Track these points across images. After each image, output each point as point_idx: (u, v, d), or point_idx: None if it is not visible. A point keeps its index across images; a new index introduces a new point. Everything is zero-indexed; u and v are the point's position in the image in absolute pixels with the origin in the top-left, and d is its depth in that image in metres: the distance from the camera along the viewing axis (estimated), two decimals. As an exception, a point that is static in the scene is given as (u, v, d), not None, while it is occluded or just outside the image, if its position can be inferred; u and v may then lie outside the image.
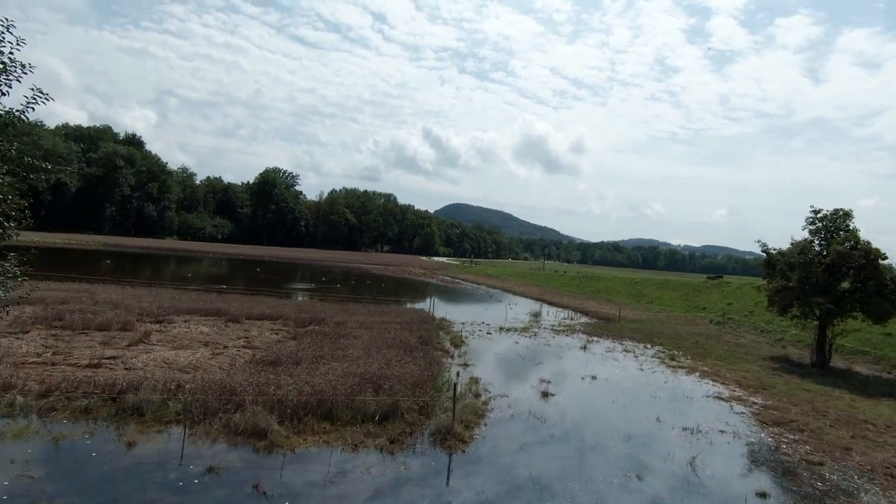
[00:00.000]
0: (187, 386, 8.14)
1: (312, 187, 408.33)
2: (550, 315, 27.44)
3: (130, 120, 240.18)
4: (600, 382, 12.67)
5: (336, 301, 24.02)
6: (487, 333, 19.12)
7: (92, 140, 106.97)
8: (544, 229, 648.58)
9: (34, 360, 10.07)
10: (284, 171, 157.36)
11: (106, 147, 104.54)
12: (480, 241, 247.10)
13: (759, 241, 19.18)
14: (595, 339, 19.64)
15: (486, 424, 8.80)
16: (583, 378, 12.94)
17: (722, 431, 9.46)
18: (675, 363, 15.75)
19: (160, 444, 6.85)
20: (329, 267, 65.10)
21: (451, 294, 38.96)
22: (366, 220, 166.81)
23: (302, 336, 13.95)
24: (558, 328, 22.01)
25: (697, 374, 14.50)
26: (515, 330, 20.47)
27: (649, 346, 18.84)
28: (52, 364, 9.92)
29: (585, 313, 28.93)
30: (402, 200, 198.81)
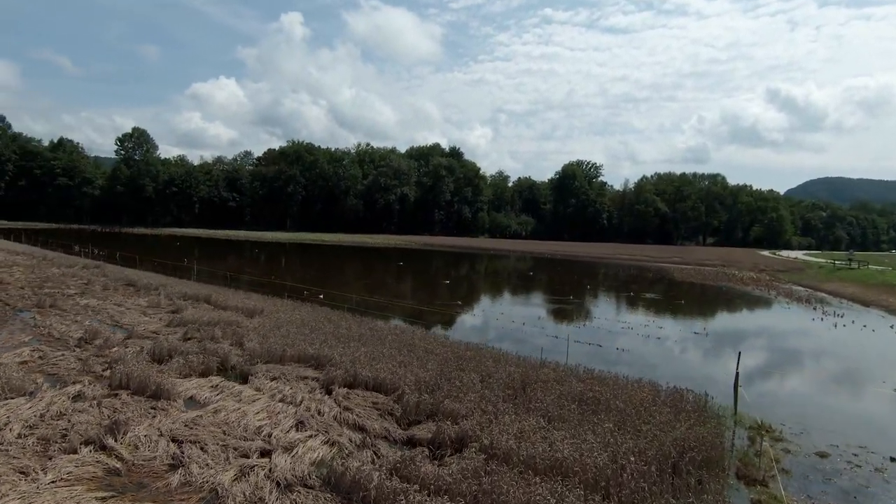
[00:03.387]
0: None
1: (625, 178, 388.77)
2: None
3: (474, 139, 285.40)
4: None
5: (539, 343, 14.97)
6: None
7: (425, 156, 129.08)
8: None
9: None
10: (587, 163, 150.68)
11: (434, 161, 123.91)
12: (865, 228, 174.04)
13: None
14: None
15: None
16: None
17: None
18: None
19: None
20: (617, 266, 53.84)
21: (797, 335, 22.03)
22: (681, 208, 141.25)
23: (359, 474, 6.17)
24: None
25: None
26: None
27: None
28: None
29: None
30: (736, 181, 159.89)
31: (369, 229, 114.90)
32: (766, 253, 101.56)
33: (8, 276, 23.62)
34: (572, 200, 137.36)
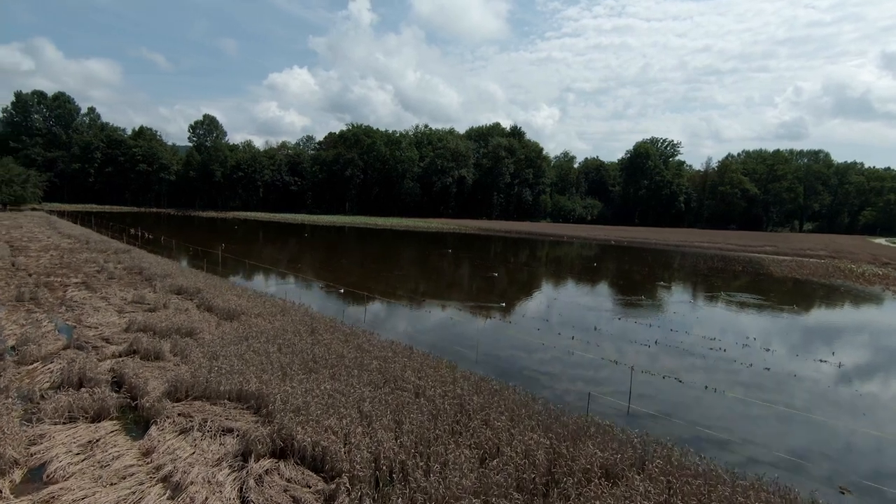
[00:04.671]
0: None
1: (707, 157, 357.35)
2: None
3: (541, 119, 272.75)
4: None
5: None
6: None
7: (484, 137, 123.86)
8: None
9: None
10: (663, 141, 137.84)
11: (493, 141, 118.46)
12: None
13: None
14: None
15: None
16: None
17: None
18: None
19: None
20: (696, 255, 46.66)
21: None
22: (774, 190, 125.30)
23: None
24: None
25: None
26: None
27: None
28: None
29: None
30: (841, 159, 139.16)
31: (426, 213, 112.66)
32: (881, 241, 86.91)
33: (33, 262, 23.01)
34: (644, 182, 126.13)
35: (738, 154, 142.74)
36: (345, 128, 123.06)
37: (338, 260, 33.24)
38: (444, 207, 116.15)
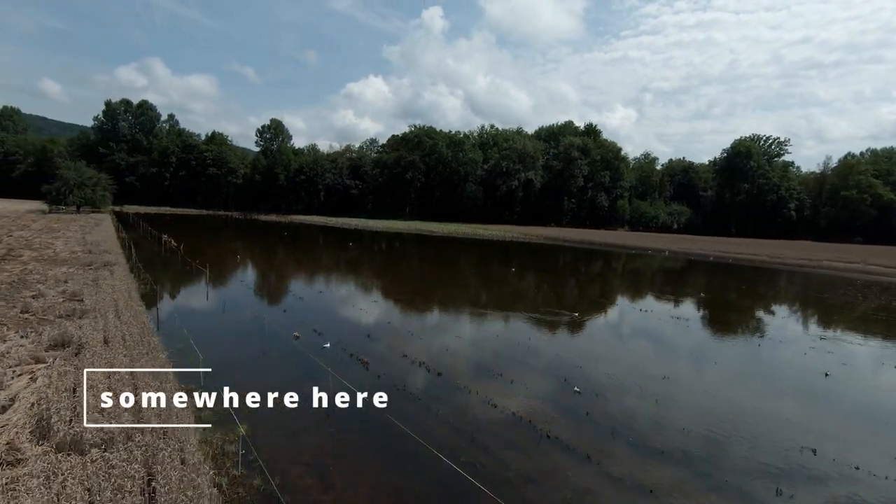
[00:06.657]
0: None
1: (808, 159, 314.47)
2: None
3: (616, 121, 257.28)
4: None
5: None
6: None
7: (555, 137, 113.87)
8: None
9: None
10: (766, 139, 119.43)
11: (564, 141, 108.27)
12: None
13: None
14: None
15: None
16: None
17: None
18: None
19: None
20: (828, 280, 34.93)
21: None
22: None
23: None
24: None
25: None
26: None
27: None
28: None
29: None
30: None
31: (489, 218, 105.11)
32: None
33: (-13, 280, 18.79)
34: (744, 185, 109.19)
35: (863, 152, 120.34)
36: (407, 129, 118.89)
37: (365, 282, 26.90)
38: (508, 213, 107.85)
